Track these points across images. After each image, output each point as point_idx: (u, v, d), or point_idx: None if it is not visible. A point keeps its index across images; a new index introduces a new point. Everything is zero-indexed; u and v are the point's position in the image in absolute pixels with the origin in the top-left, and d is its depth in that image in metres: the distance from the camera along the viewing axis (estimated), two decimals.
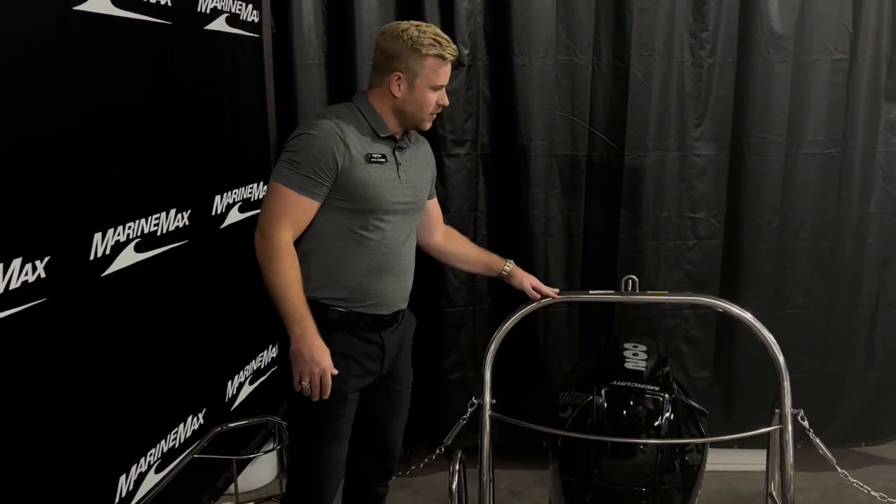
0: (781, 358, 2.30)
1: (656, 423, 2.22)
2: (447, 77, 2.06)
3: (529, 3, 2.90)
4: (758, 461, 2.70)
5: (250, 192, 2.70)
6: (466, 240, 2.48)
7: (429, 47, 1.98)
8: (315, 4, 2.90)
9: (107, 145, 1.86)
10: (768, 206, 3.06)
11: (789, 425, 2.28)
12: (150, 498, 2.09)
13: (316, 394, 1.96)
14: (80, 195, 1.77)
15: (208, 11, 2.36)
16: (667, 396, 2.25)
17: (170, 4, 2.08)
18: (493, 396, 2.36)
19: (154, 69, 2.06)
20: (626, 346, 2.58)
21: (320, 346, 1.95)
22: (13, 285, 1.54)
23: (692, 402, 2.38)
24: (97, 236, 1.82)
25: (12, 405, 1.59)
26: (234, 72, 2.60)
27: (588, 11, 2.95)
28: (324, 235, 2.02)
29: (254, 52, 2.74)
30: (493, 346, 2.40)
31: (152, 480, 2.13)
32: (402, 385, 2.26)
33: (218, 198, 2.48)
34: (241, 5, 2.59)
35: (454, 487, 2.26)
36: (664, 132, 3.00)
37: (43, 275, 1.63)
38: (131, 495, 2.03)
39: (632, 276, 2.54)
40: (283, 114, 2.91)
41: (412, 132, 2.14)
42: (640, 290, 2.55)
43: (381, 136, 2.03)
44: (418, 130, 2.14)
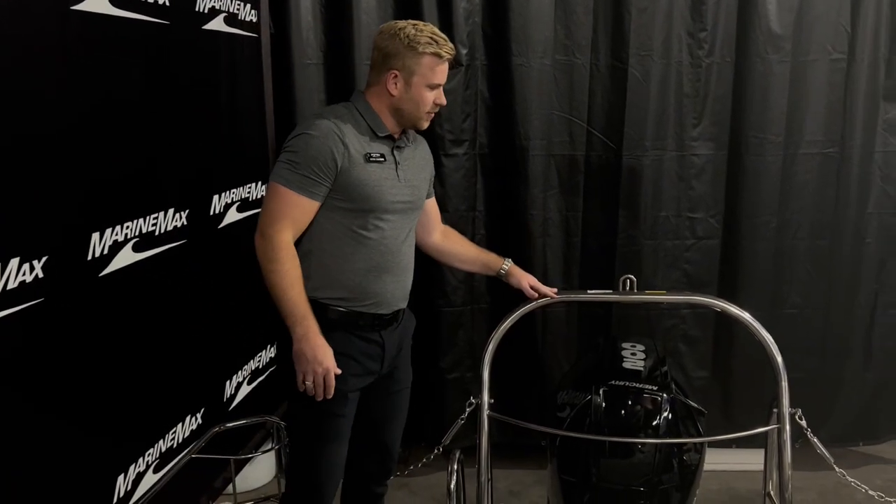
0: (779, 357, 2.30)
1: (654, 422, 2.22)
2: (444, 76, 2.05)
3: (527, 3, 2.90)
4: (756, 461, 2.70)
5: (248, 192, 2.70)
6: (464, 239, 2.48)
7: (426, 46, 1.98)
8: (313, 4, 2.90)
9: (105, 145, 1.85)
10: (766, 205, 3.06)
11: (787, 425, 2.29)
12: (149, 498, 2.09)
13: (320, 393, 1.96)
14: (78, 195, 1.77)
15: (206, 11, 2.35)
16: (665, 396, 2.25)
17: (168, 4, 2.08)
18: (492, 396, 2.36)
19: (152, 69, 2.06)
20: (625, 345, 2.58)
21: (323, 345, 1.95)
22: (11, 285, 1.54)
23: (690, 402, 2.38)
24: (95, 236, 1.82)
25: (10, 405, 1.59)
26: (232, 71, 2.59)
27: (586, 11, 2.95)
28: (323, 235, 2.02)
29: (252, 52, 2.74)
30: (492, 346, 2.40)
31: (150, 480, 2.12)
32: (401, 384, 2.27)
33: (216, 197, 2.47)
34: (239, 5, 2.59)
35: (452, 487, 2.26)
36: (662, 132, 3.01)
37: (41, 275, 1.62)
38: (129, 495, 2.02)
39: (630, 275, 2.54)
40: (282, 113, 2.91)
41: (410, 131, 2.14)
42: (638, 290, 2.55)
43: (379, 135, 2.04)
44: (415, 130, 2.14)
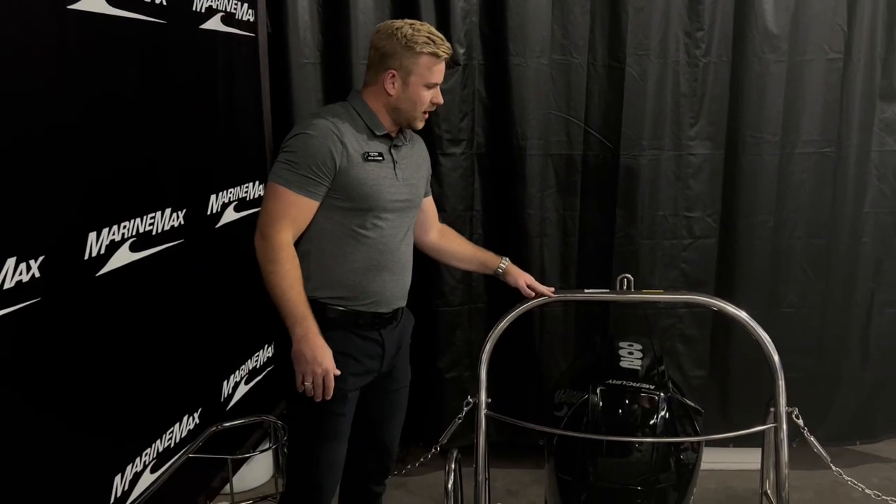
0: (776, 357, 2.31)
1: (652, 421, 2.22)
2: (441, 75, 2.06)
3: (525, 2, 2.90)
4: (753, 460, 2.70)
5: (246, 192, 2.70)
6: (462, 238, 2.48)
7: (423, 45, 1.98)
8: (310, 4, 2.90)
9: (102, 144, 1.85)
10: (763, 205, 3.06)
11: (784, 424, 2.29)
12: (146, 498, 2.09)
13: (319, 394, 1.97)
14: (75, 194, 1.76)
15: (203, 10, 2.35)
16: (662, 395, 2.25)
17: (165, 3, 2.08)
18: (489, 395, 2.36)
19: (149, 68, 2.05)
20: (622, 344, 2.58)
21: (322, 346, 1.95)
22: (7, 285, 1.54)
23: (687, 401, 2.38)
24: (92, 235, 1.82)
25: (7, 405, 1.59)
26: (229, 71, 2.59)
27: (583, 11, 2.95)
28: (322, 235, 2.03)
29: (249, 52, 2.74)
30: (489, 345, 2.40)
31: (148, 480, 2.12)
32: (400, 384, 2.27)
33: (213, 197, 2.47)
34: (236, 4, 2.58)
35: (450, 486, 2.26)
36: (659, 131, 3.01)
37: (37, 274, 1.62)
38: (126, 495, 2.02)
39: (627, 275, 2.54)
40: (279, 113, 2.91)
41: (407, 130, 2.14)
42: (635, 289, 2.55)
43: (377, 134, 2.04)
44: (411, 129, 2.14)
